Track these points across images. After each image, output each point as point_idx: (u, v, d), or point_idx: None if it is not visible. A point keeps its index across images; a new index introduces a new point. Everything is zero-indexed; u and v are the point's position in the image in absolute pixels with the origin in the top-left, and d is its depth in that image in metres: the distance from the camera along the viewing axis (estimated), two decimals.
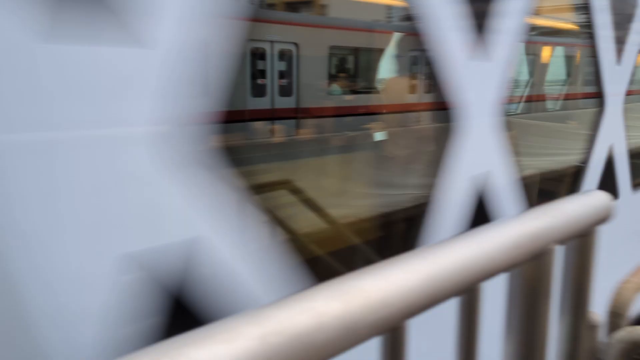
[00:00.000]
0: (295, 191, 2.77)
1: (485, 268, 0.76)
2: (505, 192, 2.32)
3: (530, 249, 0.86)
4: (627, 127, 3.68)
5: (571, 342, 1.12)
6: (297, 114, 8.03)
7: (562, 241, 0.95)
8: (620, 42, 3.41)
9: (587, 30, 3.15)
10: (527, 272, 0.91)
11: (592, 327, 1.20)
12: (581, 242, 1.06)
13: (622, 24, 3.59)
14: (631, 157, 3.94)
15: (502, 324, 0.99)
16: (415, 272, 0.65)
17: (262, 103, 7.88)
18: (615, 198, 3.54)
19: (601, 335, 1.34)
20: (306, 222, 2.80)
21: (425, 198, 2.03)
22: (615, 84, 3.39)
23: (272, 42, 7.72)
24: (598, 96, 3.32)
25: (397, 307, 0.61)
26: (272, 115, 7.84)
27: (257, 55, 7.77)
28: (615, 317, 1.39)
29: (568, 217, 0.95)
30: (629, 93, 3.79)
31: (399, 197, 3.11)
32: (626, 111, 3.62)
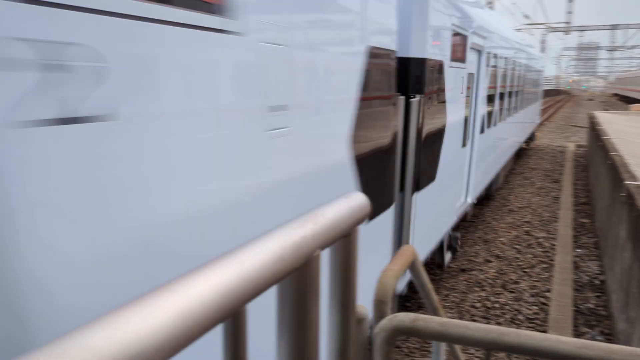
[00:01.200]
0: None
1: (249, 289, 0.71)
2: None
3: (295, 259, 0.84)
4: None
5: (342, 339, 1.17)
6: None
7: (325, 246, 0.97)
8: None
9: None
10: (294, 281, 0.90)
11: (361, 320, 1.27)
12: (343, 242, 1.10)
13: None
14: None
15: (275, 336, 0.96)
16: (160, 310, 0.56)
17: None
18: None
19: (370, 326, 1.44)
20: None
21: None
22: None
23: None
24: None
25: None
26: None
27: None
28: (381, 305, 1.50)
29: (330, 222, 0.97)
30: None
31: None
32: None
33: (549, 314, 6.94)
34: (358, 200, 1.13)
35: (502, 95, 10.83)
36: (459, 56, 6.37)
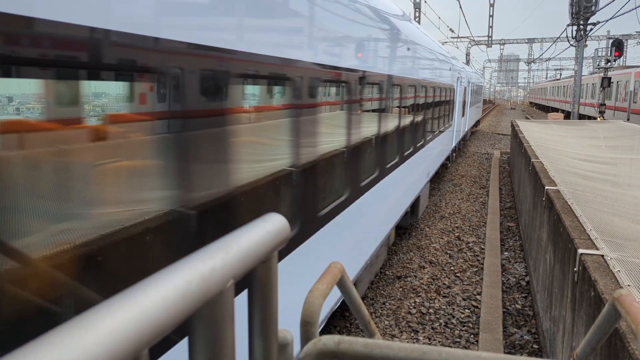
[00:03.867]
0: None
1: (148, 332, 0.65)
2: None
3: (204, 293, 0.79)
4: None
5: None
6: None
7: (240, 275, 0.92)
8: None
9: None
10: (205, 316, 0.85)
11: (284, 346, 1.23)
12: (261, 268, 1.06)
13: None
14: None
15: None
16: None
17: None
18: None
19: (297, 350, 1.40)
20: None
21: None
22: None
23: None
24: None
25: None
26: None
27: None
28: (308, 327, 1.46)
29: (244, 250, 0.92)
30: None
31: None
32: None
33: (480, 316, 7.19)
34: (276, 223, 1.09)
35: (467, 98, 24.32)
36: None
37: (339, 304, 5.52)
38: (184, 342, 2.59)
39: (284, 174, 3.89)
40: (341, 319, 7.04)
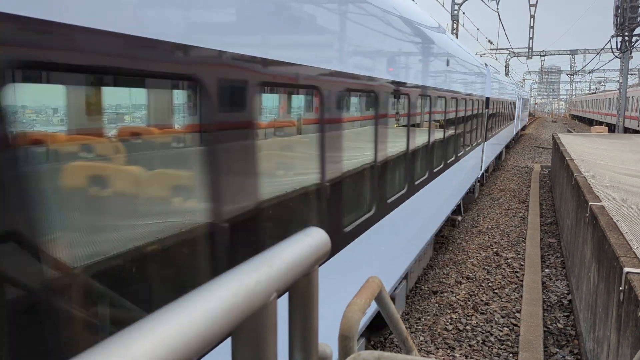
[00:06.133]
0: None
1: (196, 343, 0.67)
2: None
3: (249, 306, 0.80)
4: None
5: None
6: None
7: (283, 288, 0.93)
8: None
9: None
10: (249, 329, 0.86)
11: None
12: (303, 282, 1.07)
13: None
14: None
15: None
16: None
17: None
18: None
19: None
20: None
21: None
22: None
23: None
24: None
25: None
26: None
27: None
28: (346, 341, 1.46)
29: (288, 263, 0.93)
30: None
31: None
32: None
33: (520, 334, 6.98)
34: (318, 237, 1.10)
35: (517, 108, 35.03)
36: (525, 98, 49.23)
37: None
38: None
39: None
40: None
